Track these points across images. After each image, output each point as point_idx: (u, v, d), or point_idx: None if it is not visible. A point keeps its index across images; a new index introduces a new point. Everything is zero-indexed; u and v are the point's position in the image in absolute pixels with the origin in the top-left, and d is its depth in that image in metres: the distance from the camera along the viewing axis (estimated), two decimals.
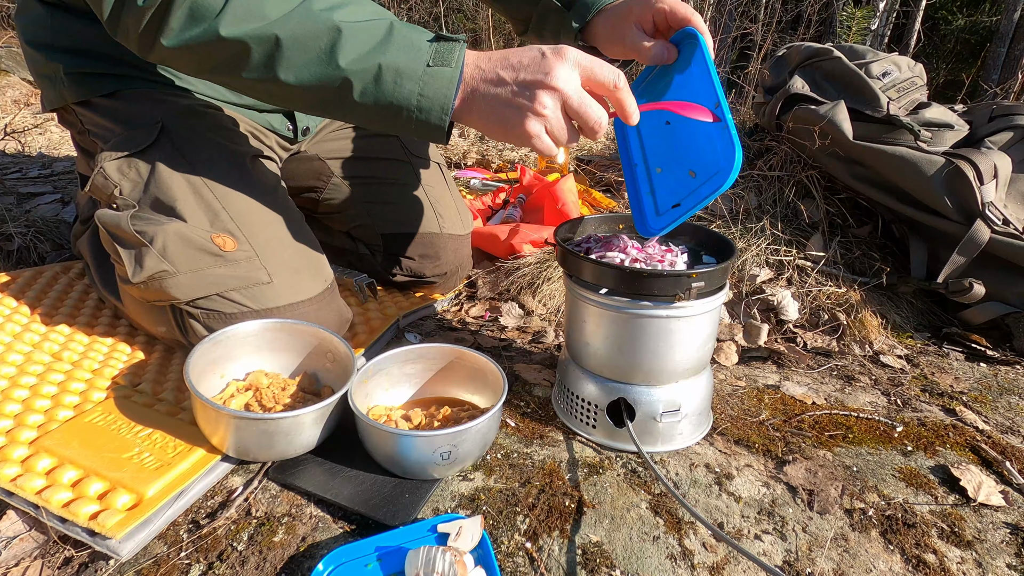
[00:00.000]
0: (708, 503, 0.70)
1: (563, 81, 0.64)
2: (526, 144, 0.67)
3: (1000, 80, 5.35)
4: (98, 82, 0.87)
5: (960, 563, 0.64)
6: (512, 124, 0.66)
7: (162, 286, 0.77)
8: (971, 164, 1.08)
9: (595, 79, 0.66)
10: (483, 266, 1.32)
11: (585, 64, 0.65)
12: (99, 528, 0.60)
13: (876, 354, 1.09)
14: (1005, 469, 0.77)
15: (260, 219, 0.83)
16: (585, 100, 0.66)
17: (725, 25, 4.49)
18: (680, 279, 0.68)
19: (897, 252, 1.27)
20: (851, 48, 1.36)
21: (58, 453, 0.69)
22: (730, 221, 1.30)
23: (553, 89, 0.64)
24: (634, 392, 0.76)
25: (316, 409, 0.68)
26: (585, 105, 0.66)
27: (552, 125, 0.66)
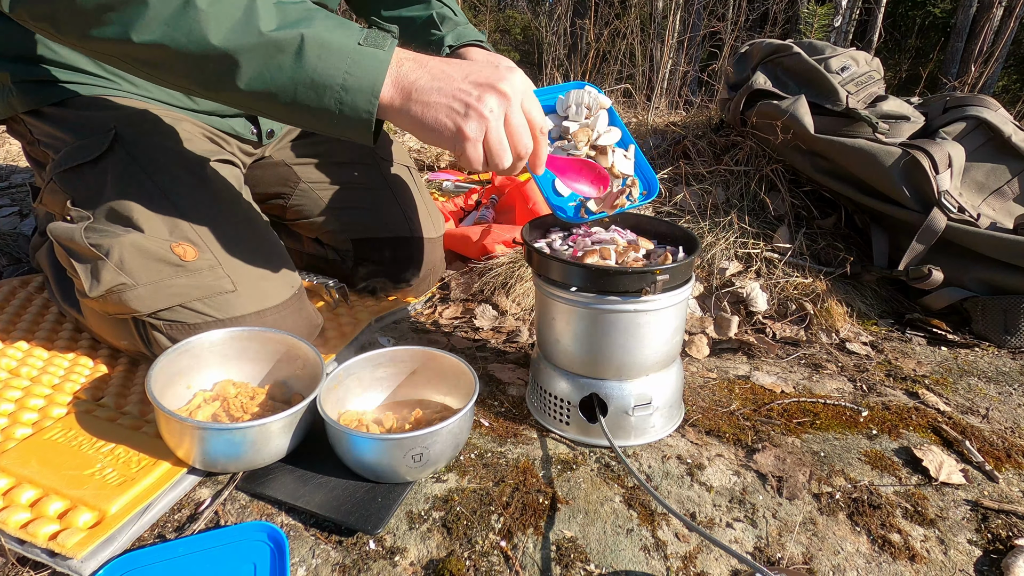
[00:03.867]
0: (680, 494, 0.70)
1: (513, 91, 0.62)
2: (457, 147, 0.62)
3: (959, 74, 5.52)
4: (47, 90, 0.84)
5: (924, 541, 0.65)
6: (449, 123, 0.61)
7: (121, 299, 0.75)
8: (927, 154, 1.12)
9: (530, 112, 0.64)
10: (456, 268, 1.32)
11: (528, 92, 0.64)
12: (59, 548, 0.58)
13: (842, 342, 1.12)
14: (965, 448, 0.80)
15: (222, 226, 0.81)
16: (524, 122, 0.63)
17: (693, 24, 4.56)
18: (645, 274, 0.69)
19: (860, 242, 1.31)
20: (811, 44, 1.39)
21: (15, 472, 0.66)
22: (698, 216, 1.32)
23: (502, 95, 0.61)
24: (606, 387, 0.76)
25: (283, 417, 0.67)
26: (523, 127, 0.63)
27: (492, 134, 0.62)
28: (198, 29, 0.58)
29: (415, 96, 0.61)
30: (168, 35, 0.58)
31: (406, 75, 0.62)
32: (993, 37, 4.20)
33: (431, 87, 0.61)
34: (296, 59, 0.59)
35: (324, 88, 0.60)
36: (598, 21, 3.40)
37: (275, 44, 0.59)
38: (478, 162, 0.63)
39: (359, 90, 0.60)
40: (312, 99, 0.61)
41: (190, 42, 0.58)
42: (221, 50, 0.58)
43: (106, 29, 0.59)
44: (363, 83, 0.60)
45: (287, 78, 0.60)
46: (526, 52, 6.93)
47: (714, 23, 4.31)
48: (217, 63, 0.59)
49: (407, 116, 0.62)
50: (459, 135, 0.61)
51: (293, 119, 0.65)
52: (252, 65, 0.59)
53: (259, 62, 0.59)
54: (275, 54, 0.59)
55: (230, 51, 0.58)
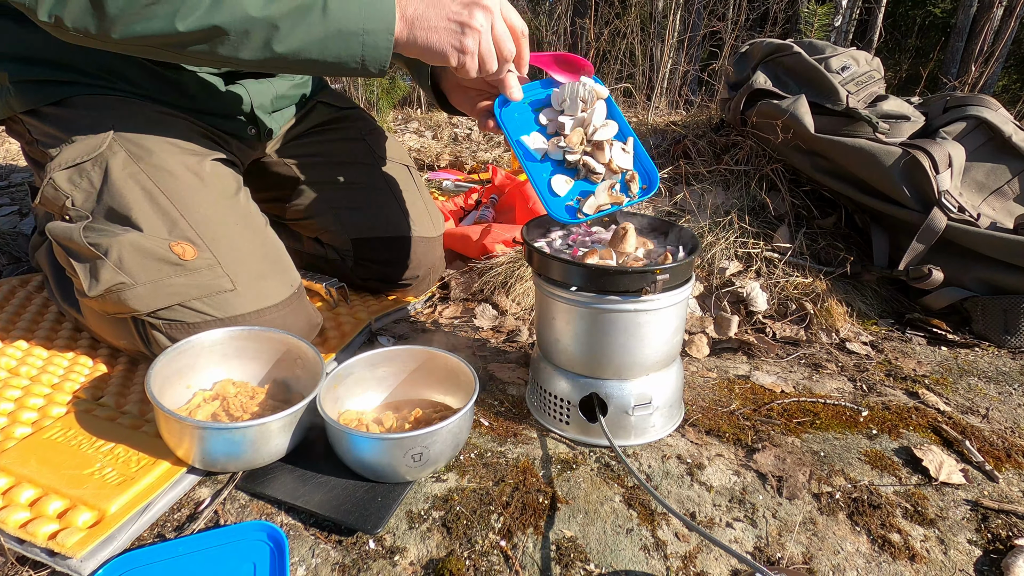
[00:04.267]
0: (680, 494, 0.70)
1: (493, 3, 0.70)
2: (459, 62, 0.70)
3: (959, 74, 5.52)
4: (45, 90, 0.84)
5: (924, 540, 0.65)
6: (453, 41, 0.69)
7: (120, 298, 0.75)
8: (927, 154, 1.11)
9: (510, 19, 0.73)
10: (456, 267, 1.32)
11: (505, 3, 0.73)
12: (58, 548, 0.58)
13: (842, 341, 1.12)
14: (965, 448, 0.80)
15: (221, 225, 0.81)
16: (506, 30, 0.72)
17: (693, 23, 4.56)
18: (645, 274, 0.69)
19: (860, 241, 1.30)
20: (811, 44, 1.39)
21: (15, 472, 0.66)
22: (698, 215, 1.32)
23: (486, 8, 0.70)
24: (606, 387, 0.76)
25: (283, 416, 0.67)
26: (506, 34, 0.72)
27: (483, 43, 0.70)
28: (239, 6, 0.65)
29: (418, 24, 0.70)
30: (211, 18, 0.65)
31: (406, 7, 0.70)
32: (993, 37, 4.20)
33: (429, 14, 0.70)
34: (323, 14, 0.67)
35: (350, 35, 0.68)
36: (598, 20, 3.40)
37: (304, 5, 0.67)
38: (474, 70, 0.72)
39: (377, 31, 0.69)
40: (342, 48, 0.69)
41: (233, 19, 0.65)
42: (262, 20, 0.66)
43: (151, 24, 0.65)
44: (379, 24, 0.68)
45: (319, 33, 0.68)
46: None
47: (714, 22, 4.30)
48: (260, 32, 0.67)
49: (415, 44, 0.71)
50: (461, 50, 0.70)
51: (323, 69, 0.72)
52: (288, 27, 0.67)
53: (294, 23, 0.67)
54: (306, 13, 0.67)
55: (269, 19, 0.66)
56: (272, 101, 1.03)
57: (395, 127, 2.90)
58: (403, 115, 3.29)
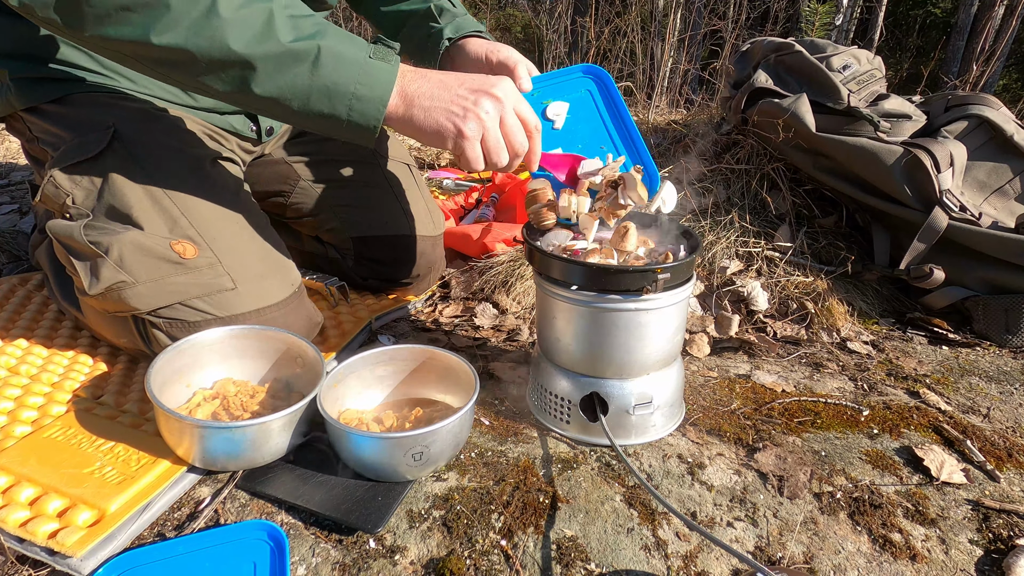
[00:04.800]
0: (681, 493, 0.70)
1: (505, 96, 0.68)
2: (457, 147, 0.68)
3: (960, 73, 5.51)
4: (45, 87, 0.84)
5: (925, 540, 0.65)
6: (450, 125, 0.67)
7: (121, 297, 0.75)
8: (928, 153, 1.11)
9: (523, 113, 0.71)
10: (456, 266, 1.31)
11: (518, 96, 0.71)
12: (59, 547, 0.58)
13: (843, 341, 1.11)
14: (966, 448, 0.80)
15: (222, 224, 0.81)
16: (517, 123, 0.70)
17: (694, 22, 4.55)
18: (646, 273, 0.69)
19: (861, 241, 1.30)
20: (812, 42, 1.38)
21: (15, 471, 0.66)
22: (699, 215, 1.32)
23: (496, 99, 0.67)
24: (606, 386, 0.76)
25: (283, 415, 0.67)
26: (517, 126, 0.70)
27: (489, 133, 0.68)
28: (220, 36, 0.61)
29: (417, 103, 0.67)
30: (189, 39, 0.62)
31: (409, 85, 0.67)
32: (995, 36, 4.20)
33: (431, 94, 0.68)
34: (313, 68, 0.64)
35: (337, 96, 0.65)
36: (598, 19, 3.40)
37: (294, 54, 0.63)
38: (477, 161, 0.69)
39: (369, 99, 0.65)
40: (324, 105, 0.65)
41: (212, 47, 0.62)
42: (242, 57, 0.62)
43: (124, 29, 0.62)
44: (373, 93, 0.65)
45: (303, 85, 0.64)
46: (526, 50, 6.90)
47: (715, 21, 4.30)
48: (236, 68, 0.63)
49: (410, 122, 0.68)
50: (459, 135, 0.67)
51: (299, 122, 0.69)
52: (269, 72, 0.64)
53: (277, 69, 0.64)
54: (293, 63, 0.64)
55: (250, 58, 0.62)
56: None
57: None
58: None
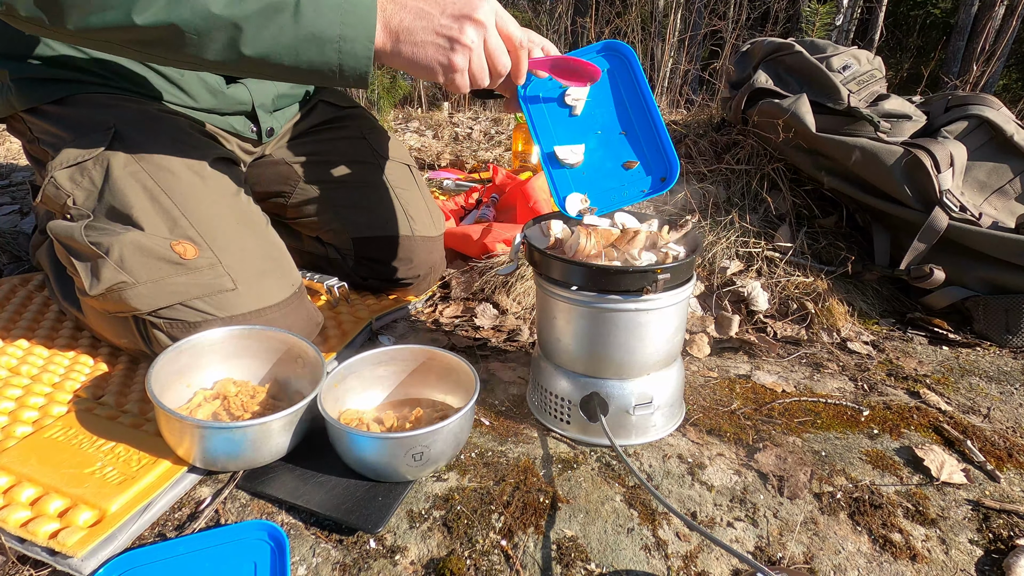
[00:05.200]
0: (681, 493, 0.70)
1: (487, 18, 0.66)
2: (448, 79, 0.67)
3: (960, 73, 5.51)
4: (46, 88, 0.84)
5: (925, 540, 0.65)
6: (441, 58, 0.66)
7: (121, 297, 0.75)
8: (928, 153, 1.11)
9: (507, 30, 0.69)
10: (457, 266, 1.32)
11: (501, 13, 0.69)
12: (59, 547, 0.58)
13: (843, 341, 1.11)
14: (966, 448, 0.80)
15: (222, 224, 0.81)
16: (500, 44, 0.69)
17: (694, 23, 4.55)
18: (646, 273, 0.69)
19: (862, 241, 1.30)
20: (812, 43, 1.38)
21: (15, 471, 0.66)
22: (700, 215, 1.32)
23: (479, 23, 0.66)
24: (607, 386, 0.76)
25: (284, 416, 0.67)
26: (500, 48, 0.69)
27: (475, 60, 0.67)
28: (200, 2, 0.60)
29: (403, 37, 0.66)
30: (171, 12, 0.61)
31: (391, 17, 0.66)
32: (995, 36, 4.19)
33: (416, 26, 0.66)
34: (295, 17, 0.62)
35: (324, 41, 0.64)
36: (599, 19, 3.40)
37: (273, 6, 0.62)
38: (464, 86, 0.69)
39: (355, 39, 0.64)
40: (315, 54, 0.65)
41: (194, 15, 0.61)
42: (225, 19, 0.61)
43: (107, 15, 0.61)
44: (358, 31, 0.64)
45: (289, 37, 0.63)
46: None
47: (715, 22, 4.30)
48: (223, 32, 0.62)
49: (399, 57, 0.67)
50: (449, 67, 0.67)
51: (296, 76, 0.68)
52: (255, 29, 0.63)
53: (261, 25, 0.63)
54: (274, 15, 0.62)
55: (233, 18, 0.62)
56: (273, 100, 1.02)
57: (396, 126, 2.89)
58: (404, 114, 3.29)
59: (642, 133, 0.81)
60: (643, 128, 0.81)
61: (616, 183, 0.81)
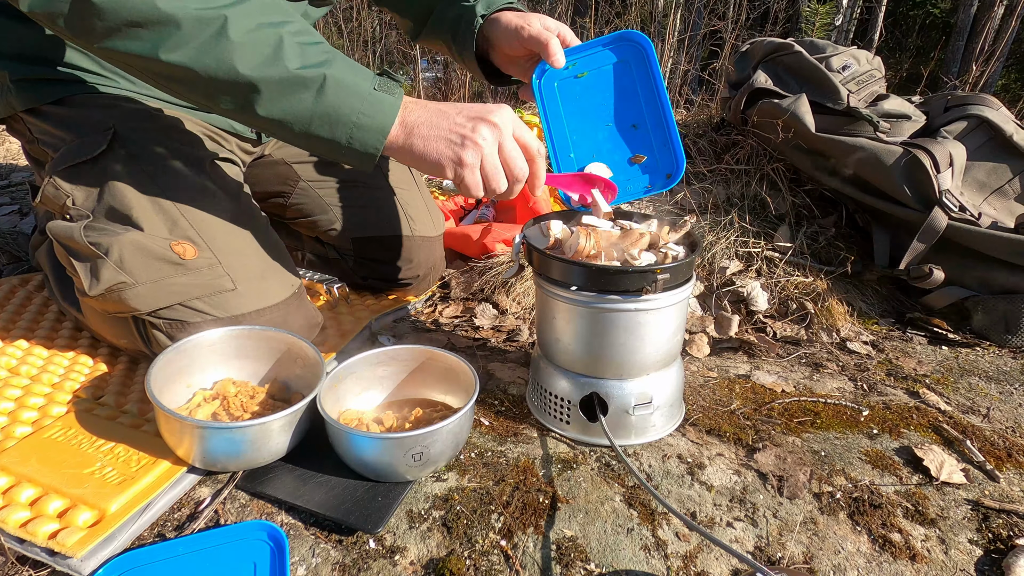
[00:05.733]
0: (681, 493, 0.70)
1: (503, 122, 0.68)
2: (457, 175, 0.69)
3: (960, 73, 5.51)
4: (46, 89, 0.84)
5: (924, 540, 0.65)
6: (449, 153, 0.68)
7: (121, 298, 0.75)
8: (928, 153, 1.11)
9: (523, 139, 0.71)
10: (456, 266, 1.32)
11: (517, 123, 0.71)
12: (59, 547, 0.58)
13: (843, 341, 1.11)
14: (966, 448, 0.80)
15: (222, 225, 0.81)
16: (516, 148, 0.70)
17: (694, 23, 4.55)
18: (646, 273, 0.69)
19: (861, 241, 1.30)
20: (812, 43, 1.38)
21: (15, 471, 0.66)
22: (699, 215, 1.32)
23: (494, 125, 0.68)
24: (606, 386, 0.76)
25: (283, 416, 0.67)
26: (516, 151, 0.70)
27: (487, 160, 0.68)
28: (228, 58, 0.63)
29: (416, 132, 0.68)
30: (197, 59, 0.63)
31: (409, 115, 0.68)
32: (994, 36, 4.19)
33: (430, 123, 0.68)
34: (317, 95, 0.65)
35: (338, 124, 0.66)
36: (598, 20, 3.40)
37: (300, 80, 0.64)
38: (477, 187, 0.70)
39: (370, 129, 0.67)
40: (325, 131, 0.67)
41: (219, 68, 0.63)
42: (248, 79, 0.64)
43: (132, 44, 0.63)
44: (374, 123, 0.67)
45: (306, 110, 0.66)
46: None
47: (715, 22, 4.30)
48: (241, 90, 0.65)
49: (410, 151, 0.69)
50: (458, 163, 0.68)
51: (300, 143, 0.70)
52: (273, 96, 0.65)
53: (281, 94, 0.65)
54: (298, 89, 0.65)
55: (256, 81, 0.64)
56: None
57: None
58: None
59: (652, 127, 0.80)
60: (654, 122, 0.81)
61: (622, 176, 0.81)
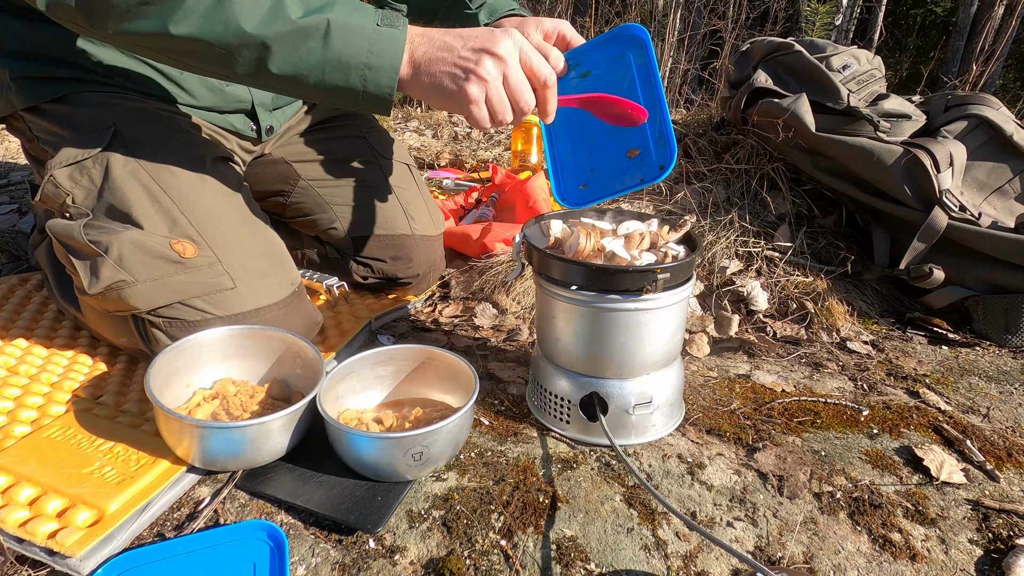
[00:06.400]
0: (681, 493, 0.70)
1: (508, 53, 0.66)
2: (464, 110, 0.67)
3: (959, 72, 5.51)
4: (46, 87, 0.84)
5: (924, 540, 0.65)
6: (455, 87, 0.66)
7: (120, 296, 0.75)
8: (928, 153, 1.11)
9: (531, 66, 0.68)
10: (456, 266, 1.31)
11: (526, 49, 0.68)
12: (58, 547, 0.58)
13: (843, 340, 1.11)
14: (966, 447, 0.80)
15: (221, 223, 0.81)
16: (523, 79, 0.68)
17: (694, 22, 4.55)
18: (646, 273, 0.69)
19: (861, 240, 1.30)
20: (812, 42, 1.38)
21: (14, 471, 0.66)
22: (699, 214, 1.32)
23: (498, 57, 0.66)
24: (606, 386, 0.76)
25: (283, 415, 0.67)
26: (522, 83, 0.68)
27: (492, 93, 0.67)
28: (233, 19, 0.62)
29: (424, 67, 0.67)
30: (205, 27, 0.63)
31: (416, 48, 0.67)
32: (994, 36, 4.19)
33: (436, 58, 0.67)
34: (324, 42, 0.64)
35: (350, 68, 0.65)
36: (598, 19, 3.39)
37: (304, 30, 0.64)
38: (484, 120, 0.68)
39: (381, 67, 0.66)
40: (339, 78, 0.66)
41: (227, 32, 0.63)
42: (256, 38, 0.63)
43: (143, 23, 0.63)
44: (384, 61, 0.66)
45: (316, 60, 0.65)
46: None
47: (715, 21, 4.29)
48: (252, 50, 0.64)
49: (420, 86, 0.68)
50: (464, 97, 0.67)
51: (319, 97, 0.70)
52: (284, 50, 0.64)
53: (290, 47, 0.64)
54: (304, 39, 0.64)
55: (264, 38, 0.64)
56: (273, 99, 1.02)
57: (395, 125, 2.89)
58: (403, 113, 3.29)
59: (649, 121, 0.79)
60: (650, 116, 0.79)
61: (617, 166, 0.81)
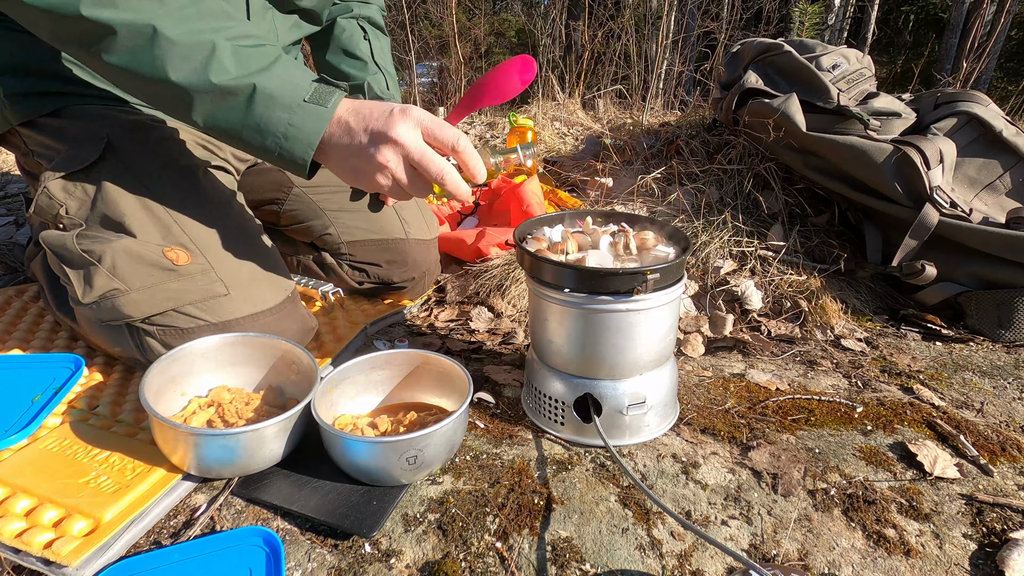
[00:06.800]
0: (676, 492, 0.71)
1: (404, 136, 0.68)
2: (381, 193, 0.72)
3: (953, 70, 5.53)
4: (41, 101, 0.84)
5: (919, 536, 0.65)
6: (362, 175, 0.70)
7: (114, 304, 0.75)
8: (918, 150, 1.12)
9: (436, 137, 0.70)
10: (451, 270, 1.32)
11: (427, 123, 0.69)
12: (54, 557, 0.58)
13: (837, 338, 1.12)
14: (960, 443, 0.80)
15: (214, 231, 0.81)
16: (427, 154, 0.69)
17: (687, 24, 4.57)
18: (636, 274, 0.69)
19: (854, 238, 1.31)
20: (801, 42, 1.39)
21: (10, 482, 0.66)
22: (692, 215, 1.32)
23: (395, 143, 0.68)
24: (600, 387, 0.76)
25: (278, 422, 0.67)
26: (427, 158, 0.69)
27: (397, 177, 0.70)
28: (161, 65, 0.65)
29: (334, 152, 0.70)
30: (133, 62, 0.65)
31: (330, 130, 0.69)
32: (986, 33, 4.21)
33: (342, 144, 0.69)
34: (246, 105, 0.67)
35: (267, 133, 0.68)
36: (592, 22, 3.41)
37: (227, 91, 0.66)
38: (404, 197, 0.73)
39: (297, 140, 0.68)
40: (256, 140, 0.69)
41: (153, 72, 0.65)
42: (179, 86, 0.65)
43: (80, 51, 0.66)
44: (301, 135, 0.68)
45: (237, 119, 0.68)
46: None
47: (708, 23, 4.31)
48: (176, 95, 0.67)
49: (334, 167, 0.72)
50: (374, 186, 0.71)
51: (237, 147, 0.72)
52: (205, 104, 0.67)
53: (212, 103, 0.67)
54: (227, 98, 0.67)
55: (187, 88, 0.66)
56: None
57: None
58: None
59: None
60: None
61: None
